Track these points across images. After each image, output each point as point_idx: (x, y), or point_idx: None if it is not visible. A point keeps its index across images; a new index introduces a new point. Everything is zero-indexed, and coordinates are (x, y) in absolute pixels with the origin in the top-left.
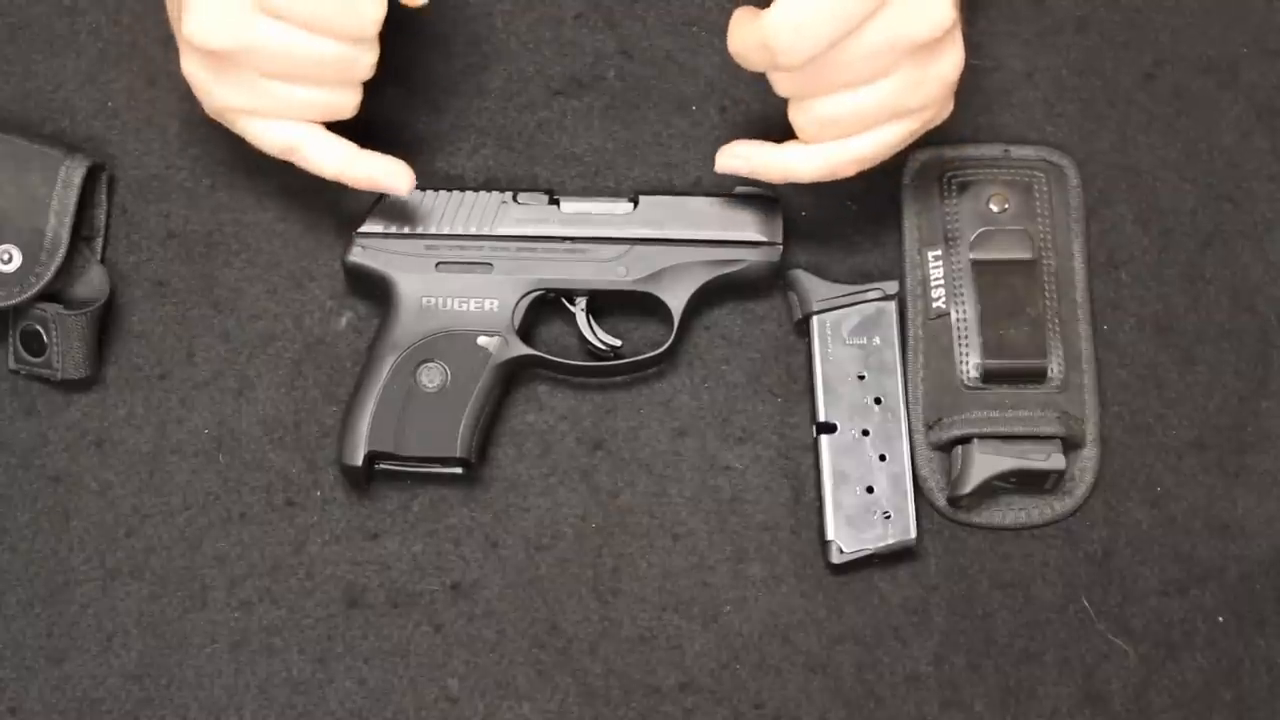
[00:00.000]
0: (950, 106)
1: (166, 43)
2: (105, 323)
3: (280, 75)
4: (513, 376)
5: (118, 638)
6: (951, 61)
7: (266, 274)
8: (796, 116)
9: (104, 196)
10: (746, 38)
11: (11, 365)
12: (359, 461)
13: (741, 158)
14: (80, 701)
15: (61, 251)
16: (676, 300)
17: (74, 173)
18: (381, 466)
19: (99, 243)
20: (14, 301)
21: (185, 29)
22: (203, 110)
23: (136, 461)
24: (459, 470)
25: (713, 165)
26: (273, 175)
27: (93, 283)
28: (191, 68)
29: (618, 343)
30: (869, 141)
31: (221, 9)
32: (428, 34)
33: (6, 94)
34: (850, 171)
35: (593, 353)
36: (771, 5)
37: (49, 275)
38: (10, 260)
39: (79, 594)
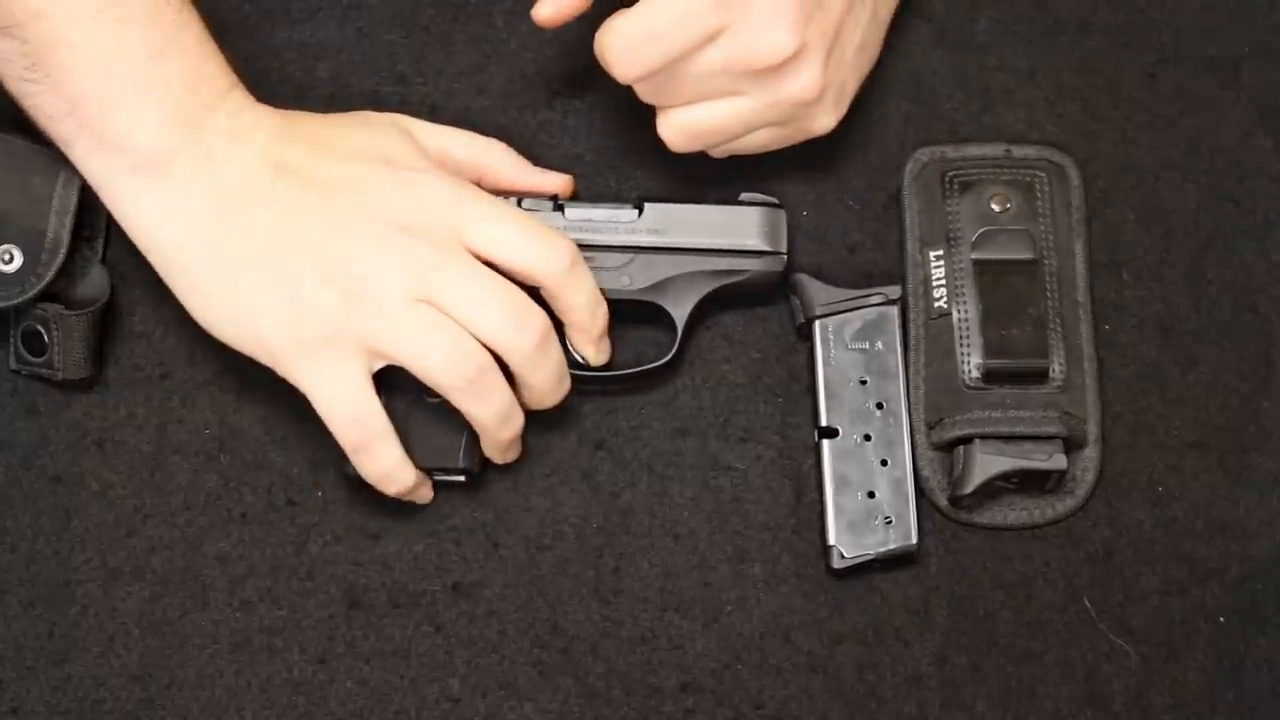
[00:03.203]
0: (826, 119)
1: None
2: (106, 323)
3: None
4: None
5: (119, 638)
6: (803, 84)
7: None
8: (660, 127)
9: None
10: (595, 46)
11: (12, 365)
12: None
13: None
14: (81, 702)
15: (62, 252)
16: (680, 310)
17: (74, 173)
18: None
19: (100, 243)
20: (15, 302)
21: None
22: None
23: (137, 461)
24: (462, 479)
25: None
26: None
27: (94, 283)
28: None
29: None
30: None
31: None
32: (428, 34)
33: (7, 94)
34: (720, 155)
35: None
36: (606, 22)
37: (50, 275)
38: (11, 260)
39: (80, 594)
